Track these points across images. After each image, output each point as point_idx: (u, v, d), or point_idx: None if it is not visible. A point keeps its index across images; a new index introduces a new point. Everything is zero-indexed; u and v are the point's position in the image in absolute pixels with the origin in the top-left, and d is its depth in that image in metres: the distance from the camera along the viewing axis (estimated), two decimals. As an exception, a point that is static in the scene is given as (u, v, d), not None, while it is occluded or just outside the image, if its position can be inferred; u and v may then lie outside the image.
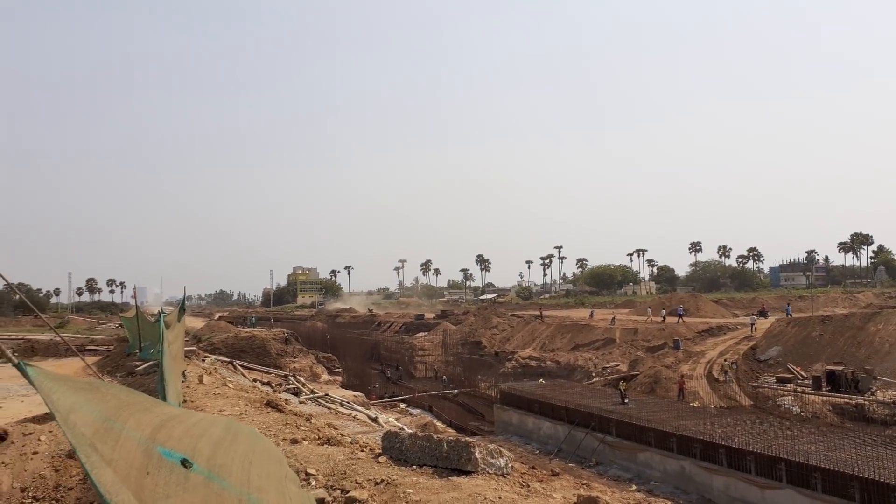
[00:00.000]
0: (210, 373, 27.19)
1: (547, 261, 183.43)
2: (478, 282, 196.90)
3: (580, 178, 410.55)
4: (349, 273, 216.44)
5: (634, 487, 14.16)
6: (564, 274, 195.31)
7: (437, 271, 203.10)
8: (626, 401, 37.63)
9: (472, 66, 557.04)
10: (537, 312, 79.83)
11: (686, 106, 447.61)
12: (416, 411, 43.91)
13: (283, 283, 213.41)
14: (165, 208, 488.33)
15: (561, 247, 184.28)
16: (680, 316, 62.32)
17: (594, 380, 52.40)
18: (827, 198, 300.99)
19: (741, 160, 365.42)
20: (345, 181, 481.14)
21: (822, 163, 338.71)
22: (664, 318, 63.93)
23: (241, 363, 40.87)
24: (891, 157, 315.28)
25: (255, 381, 32.81)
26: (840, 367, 40.02)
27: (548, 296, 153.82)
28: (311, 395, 31.46)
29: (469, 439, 11.84)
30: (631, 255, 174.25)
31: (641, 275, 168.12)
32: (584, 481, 11.87)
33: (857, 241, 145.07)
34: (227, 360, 41.88)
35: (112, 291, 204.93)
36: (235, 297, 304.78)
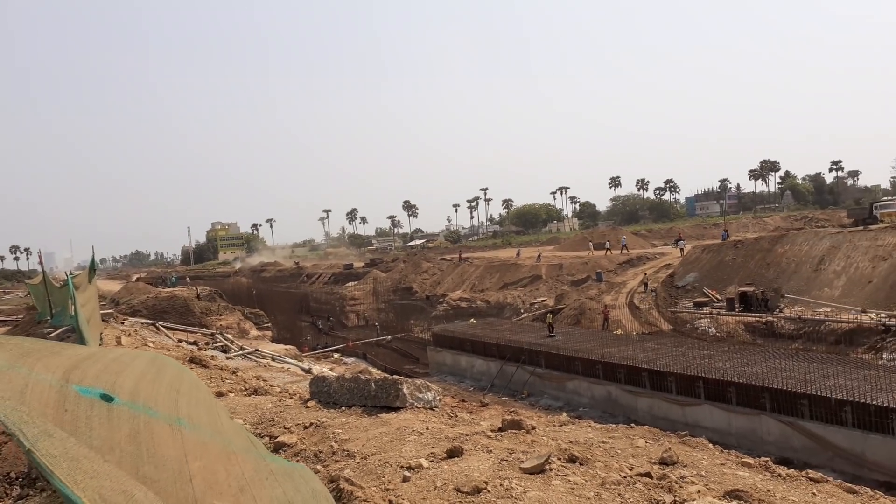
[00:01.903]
0: (129, 334, 26.09)
1: (473, 203, 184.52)
2: (406, 228, 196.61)
3: (503, 120, 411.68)
4: (272, 226, 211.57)
5: (564, 415, 14.69)
6: (491, 215, 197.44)
7: (363, 220, 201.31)
8: (553, 333, 38.69)
9: (396, 6, 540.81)
10: (462, 255, 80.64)
11: (599, 49, 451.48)
12: (350, 360, 43.83)
13: (203, 239, 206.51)
14: (69, 166, 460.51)
15: (487, 189, 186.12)
16: (623, 246, 66.29)
17: (523, 316, 53.60)
18: (738, 127, 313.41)
19: (655, 95, 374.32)
20: (262, 130, 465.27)
21: (733, 93, 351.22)
22: (608, 250, 66.89)
23: (164, 324, 39.47)
24: (795, 84, 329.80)
25: (179, 341, 31.77)
26: (751, 289, 42.26)
27: (476, 238, 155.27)
28: (241, 352, 30.77)
29: (397, 377, 11.82)
30: (554, 193, 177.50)
31: (565, 212, 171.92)
32: (513, 410, 12.08)
33: (766, 168, 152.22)
34: (149, 321, 40.35)
35: (17, 258, 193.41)
36: (153, 257, 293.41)
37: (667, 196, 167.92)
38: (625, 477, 7.36)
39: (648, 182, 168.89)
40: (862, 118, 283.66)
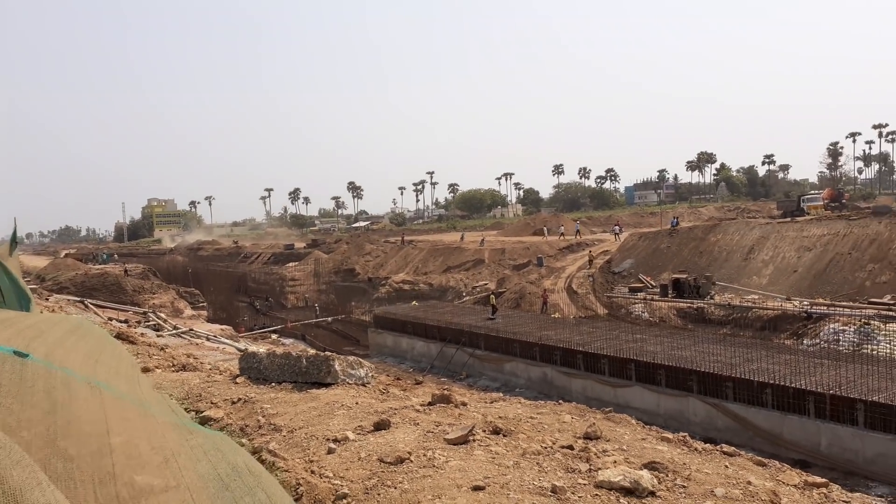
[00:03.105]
0: (54, 310, 25.07)
1: (419, 187, 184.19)
2: (350, 210, 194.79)
3: (450, 105, 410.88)
4: (210, 204, 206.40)
5: (497, 393, 14.90)
6: (437, 199, 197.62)
7: (306, 200, 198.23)
8: (494, 316, 39.09)
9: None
10: (405, 238, 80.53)
11: (544, 34, 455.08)
12: (288, 341, 43.31)
13: (138, 216, 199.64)
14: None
15: (433, 172, 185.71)
16: (577, 232, 68.97)
17: (465, 299, 53.94)
18: (678, 119, 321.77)
19: (598, 86, 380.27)
20: (203, 105, 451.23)
21: (673, 87, 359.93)
22: (562, 235, 69.14)
23: (94, 302, 38.13)
24: (733, 77, 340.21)
25: (109, 319, 30.76)
26: (684, 275, 43.60)
27: (421, 221, 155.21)
28: (174, 331, 30.01)
29: (329, 353, 11.73)
30: (499, 178, 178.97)
31: (509, 198, 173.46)
32: (447, 388, 12.17)
33: (703, 160, 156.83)
34: (77, 299, 38.88)
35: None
36: (84, 232, 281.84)
37: (607, 184, 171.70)
38: (545, 448, 7.52)
39: (590, 170, 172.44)
40: (794, 114, 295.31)
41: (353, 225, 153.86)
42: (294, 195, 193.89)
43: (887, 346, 28.64)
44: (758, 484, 6.92)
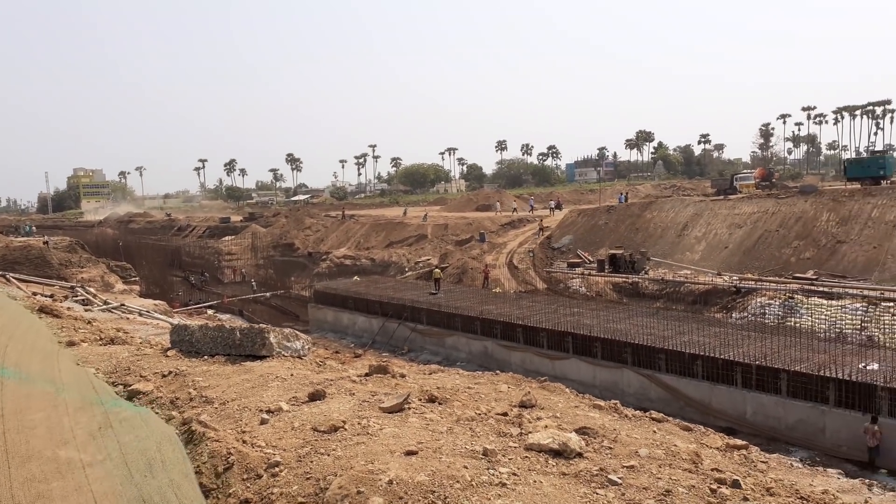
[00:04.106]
0: (-30, 285, 23.81)
1: (361, 160, 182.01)
2: (289, 182, 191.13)
3: (393, 76, 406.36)
4: (141, 174, 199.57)
5: (436, 365, 15.03)
6: (379, 173, 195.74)
7: (243, 172, 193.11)
8: (437, 291, 39.22)
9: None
10: (347, 212, 79.78)
11: (489, 8, 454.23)
12: (225, 316, 42.39)
13: (63, 186, 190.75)
14: None
15: (375, 146, 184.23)
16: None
17: (407, 274, 53.90)
18: (617, 97, 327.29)
19: (541, 62, 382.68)
20: (133, 69, 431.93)
21: (611, 63, 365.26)
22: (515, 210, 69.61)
23: (16, 276, 36.38)
24: (671, 57, 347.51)
25: (34, 293, 29.43)
26: (620, 251, 44.65)
27: (363, 195, 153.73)
28: (105, 306, 28.96)
29: (264, 325, 11.52)
30: (443, 153, 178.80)
31: (452, 173, 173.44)
32: (386, 360, 12.15)
33: (641, 138, 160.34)
34: (-2, 272, 37.01)
35: None
36: (4, 203, 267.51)
37: (549, 161, 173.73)
38: (479, 415, 7.61)
39: (533, 147, 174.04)
40: (729, 94, 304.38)
41: (293, 198, 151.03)
42: (230, 167, 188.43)
43: (809, 318, 30.12)
44: (682, 446, 7.19)
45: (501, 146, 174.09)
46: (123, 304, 29.91)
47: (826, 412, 19.18)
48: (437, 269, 43.79)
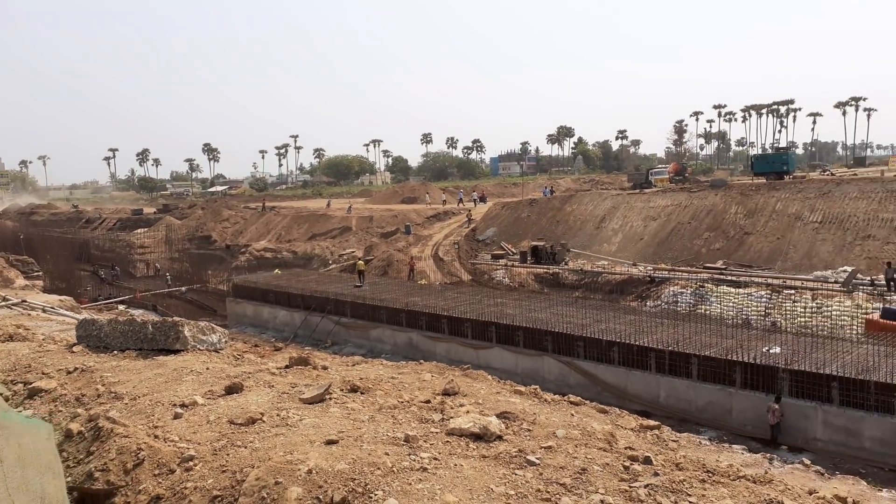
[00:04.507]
0: None
1: (283, 151, 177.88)
2: (206, 173, 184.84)
3: (315, 65, 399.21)
4: (45, 164, 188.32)
5: (359, 357, 14.88)
6: (301, 164, 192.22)
7: (157, 162, 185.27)
8: (361, 283, 38.87)
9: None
10: (267, 204, 78.02)
11: (407, 9, 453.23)
12: (137, 312, 40.61)
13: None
14: None
15: (297, 136, 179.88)
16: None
17: (331, 267, 53.20)
18: (540, 94, 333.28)
19: (466, 57, 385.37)
20: (36, 52, 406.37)
21: (535, 60, 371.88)
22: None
23: None
24: (590, 56, 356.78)
25: (-79, 290, 27.34)
26: (542, 243, 45.62)
27: (284, 187, 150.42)
28: (4, 303, 27.26)
29: (178, 319, 11.13)
30: (367, 145, 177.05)
31: (377, 165, 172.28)
32: (308, 353, 11.95)
33: (562, 134, 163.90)
34: None
35: None
36: None
37: (474, 155, 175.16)
38: (402, 403, 7.61)
39: (458, 141, 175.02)
40: (646, 92, 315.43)
41: (210, 189, 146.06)
42: (142, 156, 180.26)
43: (718, 306, 31.68)
44: (598, 427, 7.42)
45: (427, 139, 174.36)
46: (25, 301, 28.23)
47: (733, 394, 20.21)
48: (361, 262, 43.40)
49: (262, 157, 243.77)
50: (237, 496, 5.04)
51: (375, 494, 4.85)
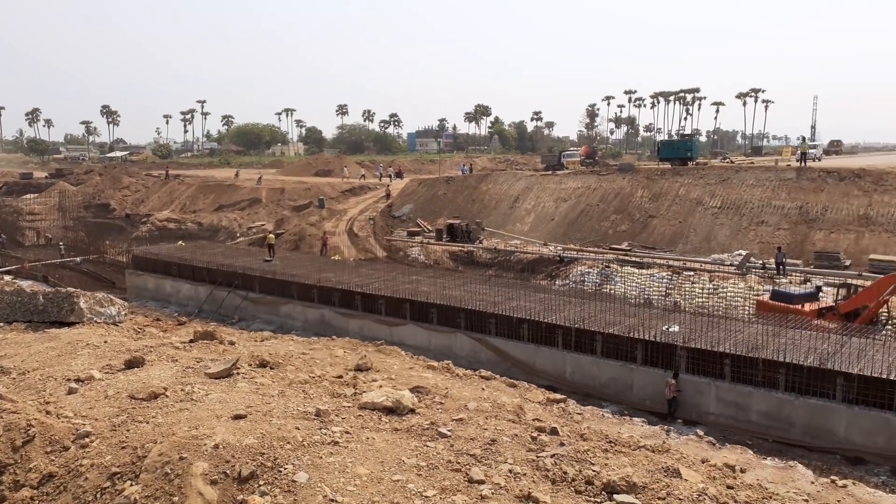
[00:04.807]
0: None
1: (189, 116, 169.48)
2: (105, 137, 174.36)
3: (223, 26, 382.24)
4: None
5: (268, 332, 14.51)
6: (209, 131, 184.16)
7: (49, 123, 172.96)
8: (271, 258, 37.96)
9: None
10: (171, 172, 74.68)
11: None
12: (26, 283, 38.09)
13: None
14: None
15: (204, 101, 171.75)
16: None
17: (239, 240, 51.64)
18: (458, 71, 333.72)
19: (381, 26, 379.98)
20: None
21: (453, 36, 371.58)
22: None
23: None
24: (508, 36, 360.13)
25: None
26: (457, 221, 45.97)
27: (190, 154, 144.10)
28: None
29: (72, 290, 10.50)
30: (280, 114, 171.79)
31: (290, 135, 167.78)
32: (211, 328, 11.57)
33: (479, 112, 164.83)
34: None
35: None
36: None
37: (391, 129, 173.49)
38: (313, 378, 7.52)
39: (375, 114, 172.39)
40: (561, 75, 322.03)
41: (109, 155, 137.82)
42: (32, 116, 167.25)
43: (622, 285, 32.99)
44: (507, 401, 7.60)
45: (342, 110, 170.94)
46: None
47: (634, 370, 21.16)
48: (271, 235, 42.31)
49: (167, 123, 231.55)
50: (138, 472, 4.83)
51: (285, 468, 4.77)
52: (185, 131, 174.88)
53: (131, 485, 4.72)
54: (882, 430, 16.45)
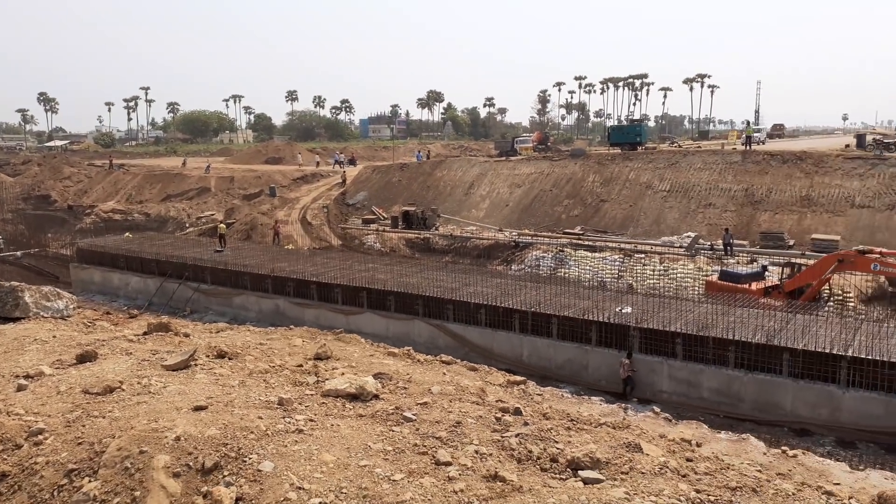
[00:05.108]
0: None
1: (132, 103, 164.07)
2: (43, 126, 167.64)
3: (168, 9, 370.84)
4: None
5: (223, 324, 14.30)
6: (154, 119, 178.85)
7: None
8: (222, 248, 37.24)
9: None
10: (115, 161, 72.39)
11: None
12: (-36, 278, 36.54)
13: None
14: None
15: (148, 88, 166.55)
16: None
17: (189, 230, 50.48)
18: (410, 57, 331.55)
19: (331, 10, 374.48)
20: None
21: (405, 25, 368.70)
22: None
23: None
24: (461, 21, 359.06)
25: None
26: (413, 208, 45.85)
27: (134, 143, 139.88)
28: None
29: (17, 284, 10.09)
30: (227, 101, 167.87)
31: (238, 122, 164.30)
32: (165, 320, 11.31)
33: (432, 98, 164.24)
34: None
35: None
36: None
37: (342, 116, 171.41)
38: (273, 367, 7.42)
39: (325, 100, 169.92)
40: (513, 60, 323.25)
41: (48, 144, 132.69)
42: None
43: (576, 269, 33.49)
44: (469, 384, 7.65)
45: (292, 97, 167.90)
46: None
47: (589, 351, 21.55)
48: (222, 225, 41.47)
49: (109, 111, 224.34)
50: (97, 468, 4.69)
51: (250, 458, 4.70)
52: (129, 119, 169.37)
53: (90, 481, 4.59)
54: (826, 403, 17.17)
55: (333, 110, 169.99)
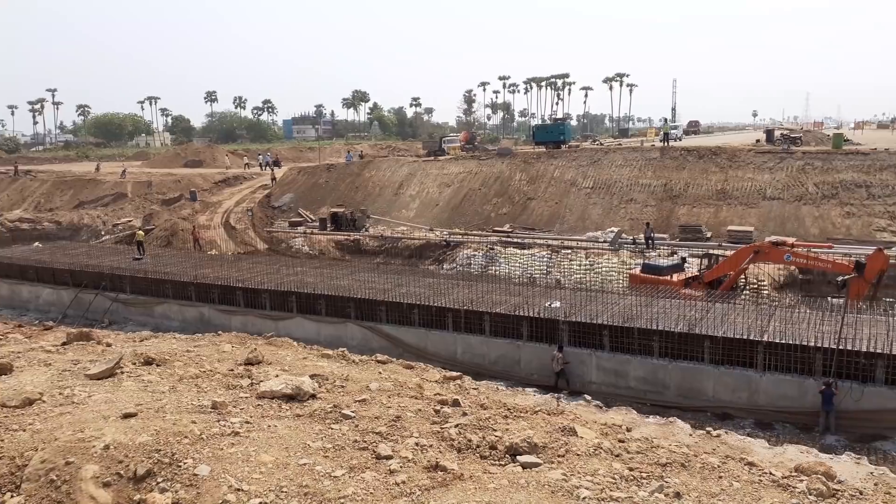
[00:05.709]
0: None
1: (38, 106, 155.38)
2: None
3: (75, 6, 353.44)
4: None
5: (147, 332, 13.69)
6: (62, 123, 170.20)
7: None
8: (142, 255, 35.86)
9: None
10: (20, 168, 68.54)
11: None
12: None
13: None
14: None
15: (55, 90, 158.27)
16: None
17: (104, 238, 48.33)
18: (334, 56, 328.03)
19: (250, 12, 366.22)
20: None
21: (326, 23, 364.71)
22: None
23: None
24: (379, 19, 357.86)
25: None
26: (342, 209, 45.41)
27: (42, 148, 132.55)
28: None
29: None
30: (142, 102, 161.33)
31: (155, 125, 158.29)
32: (85, 330, 10.81)
33: (357, 98, 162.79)
34: None
35: None
36: None
37: (265, 117, 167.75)
38: (204, 372, 7.23)
39: (246, 100, 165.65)
40: (438, 60, 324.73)
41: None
42: None
43: (506, 266, 33.99)
44: (406, 380, 7.67)
45: (211, 97, 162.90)
46: None
47: (521, 346, 21.92)
48: (140, 232, 39.91)
49: (12, 114, 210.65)
50: (19, 482, 4.45)
51: (185, 463, 4.57)
52: (35, 123, 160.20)
53: (12, 496, 4.34)
54: (745, 387, 18.07)
55: (255, 111, 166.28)
